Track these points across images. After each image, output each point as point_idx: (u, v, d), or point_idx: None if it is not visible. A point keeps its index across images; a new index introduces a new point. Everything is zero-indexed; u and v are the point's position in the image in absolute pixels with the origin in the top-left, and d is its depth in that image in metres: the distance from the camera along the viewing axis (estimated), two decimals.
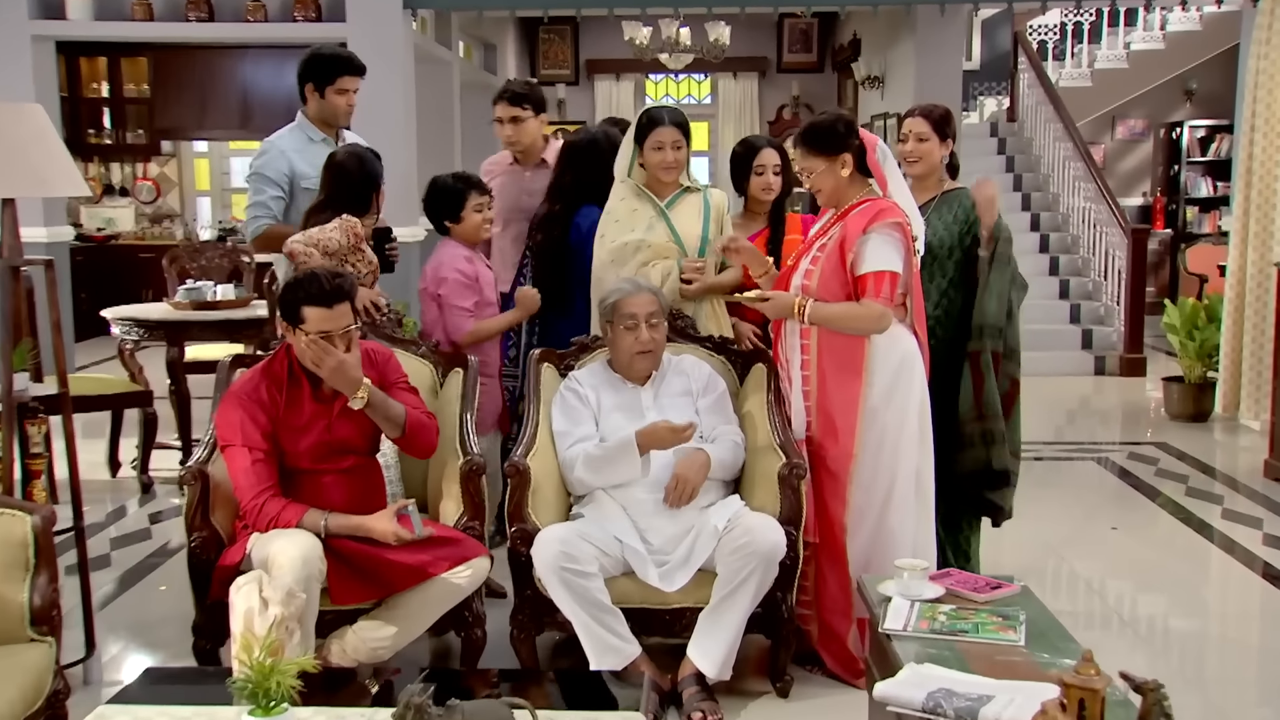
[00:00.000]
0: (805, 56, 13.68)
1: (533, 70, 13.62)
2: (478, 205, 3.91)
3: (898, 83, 9.93)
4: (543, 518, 3.23)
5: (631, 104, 13.70)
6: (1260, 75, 6.60)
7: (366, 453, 3.24)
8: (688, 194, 3.89)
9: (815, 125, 3.41)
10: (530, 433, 3.39)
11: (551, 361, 3.71)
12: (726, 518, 3.19)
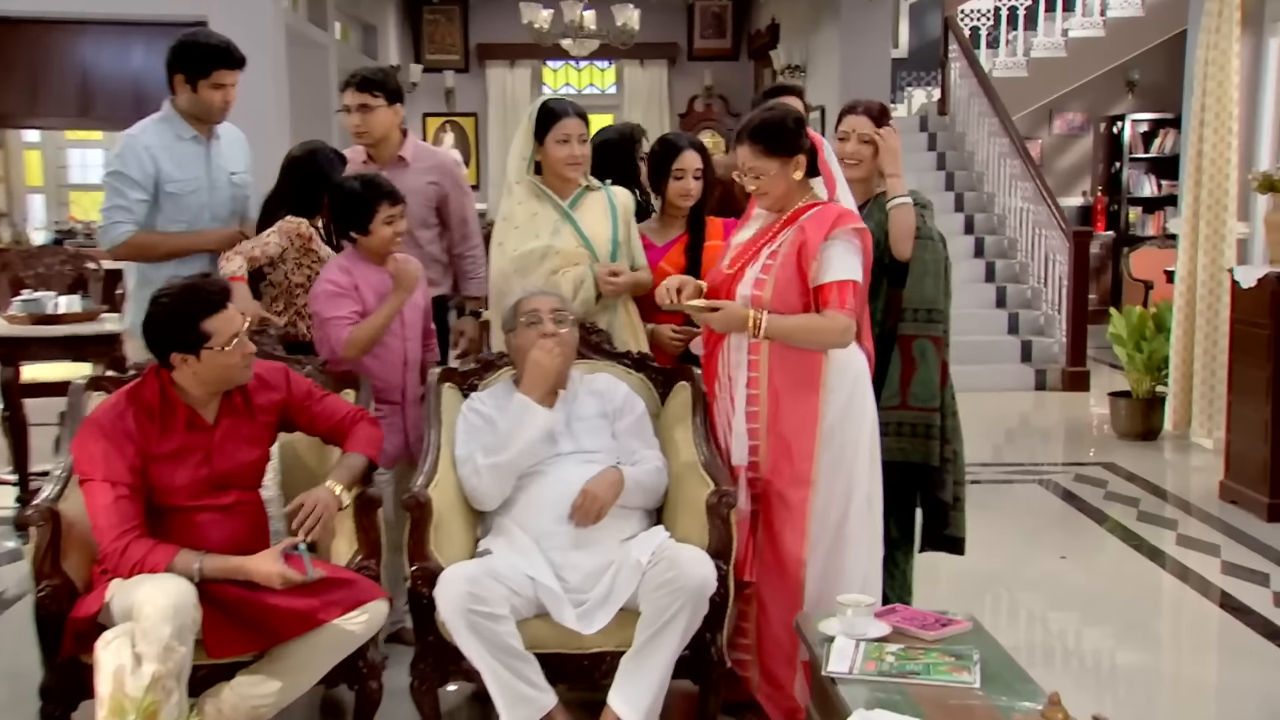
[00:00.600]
0: (719, 43, 13.86)
1: (417, 54, 13.59)
2: (388, 217, 3.80)
3: (821, 72, 10.12)
4: (446, 555, 3.23)
5: (528, 93, 13.74)
6: (1210, 66, 6.87)
7: (250, 487, 3.21)
8: (589, 193, 3.93)
9: (769, 123, 3.39)
10: (431, 460, 3.39)
11: (453, 381, 3.71)
12: (650, 551, 3.21)
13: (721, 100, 13.69)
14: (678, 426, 3.59)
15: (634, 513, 3.41)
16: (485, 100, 13.77)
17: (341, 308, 3.75)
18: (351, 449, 3.31)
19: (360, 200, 3.79)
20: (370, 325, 3.76)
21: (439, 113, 13.78)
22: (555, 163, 3.81)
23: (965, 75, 10.84)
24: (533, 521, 3.32)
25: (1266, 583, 4.78)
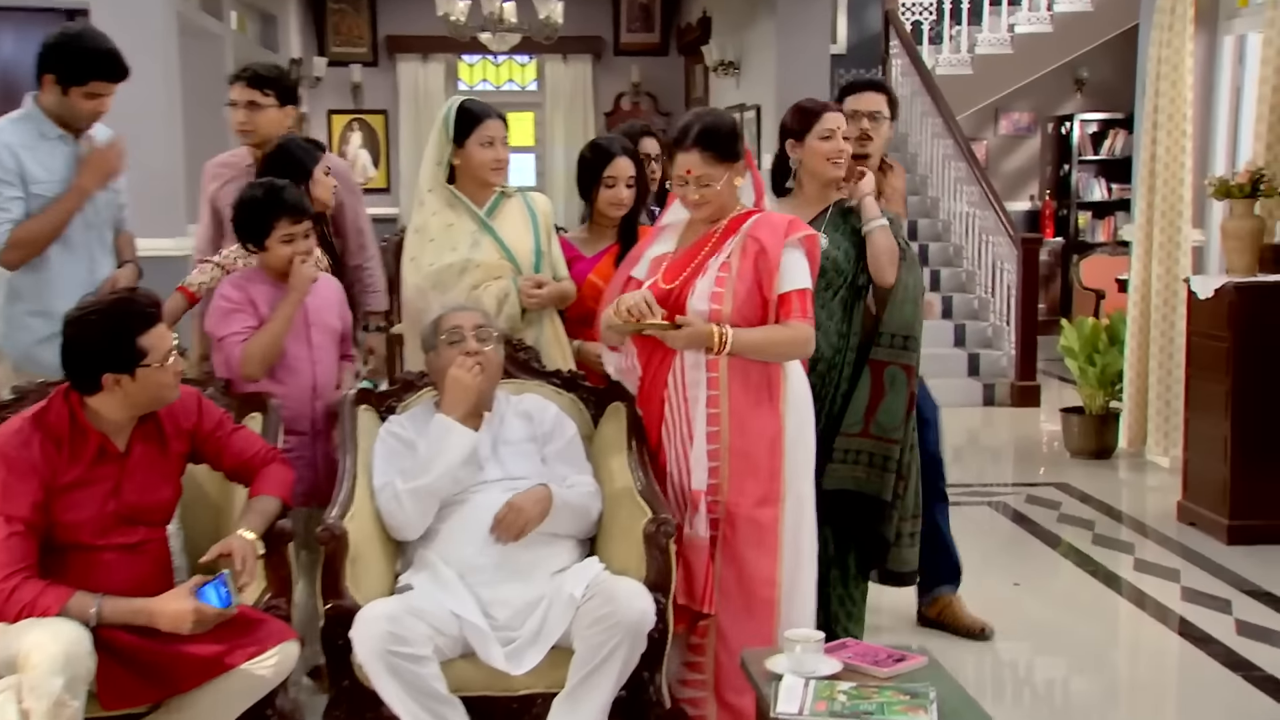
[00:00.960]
0: (646, 37, 13.92)
1: (321, 47, 13.50)
2: (287, 234, 3.74)
3: (756, 69, 10.21)
4: (364, 592, 3.20)
5: (442, 89, 13.70)
6: (1162, 65, 7.04)
7: (158, 523, 3.17)
8: (505, 200, 3.94)
9: (718, 129, 3.45)
10: (346, 489, 3.36)
11: (369, 403, 3.69)
12: (584, 584, 3.21)
13: (650, 98, 13.74)
14: (612, 451, 3.60)
15: (565, 542, 3.42)
16: (396, 96, 13.69)
17: (235, 324, 3.73)
18: (263, 491, 3.26)
19: (258, 210, 3.75)
20: (265, 335, 3.72)
21: (345, 110, 13.68)
22: (479, 168, 3.81)
23: (907, 73, 10.99)
24: (457, 554, 3.31)
25: (1228, 609, 4.90)
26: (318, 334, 3.87)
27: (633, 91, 13.68)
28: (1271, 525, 5.70)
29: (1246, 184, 5.93)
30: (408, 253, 3.87)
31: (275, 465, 3.35)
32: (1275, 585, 5.14)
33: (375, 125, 13.81)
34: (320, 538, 3.19)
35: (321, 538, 3.19)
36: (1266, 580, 5.20)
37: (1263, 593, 5.08)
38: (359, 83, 13.58)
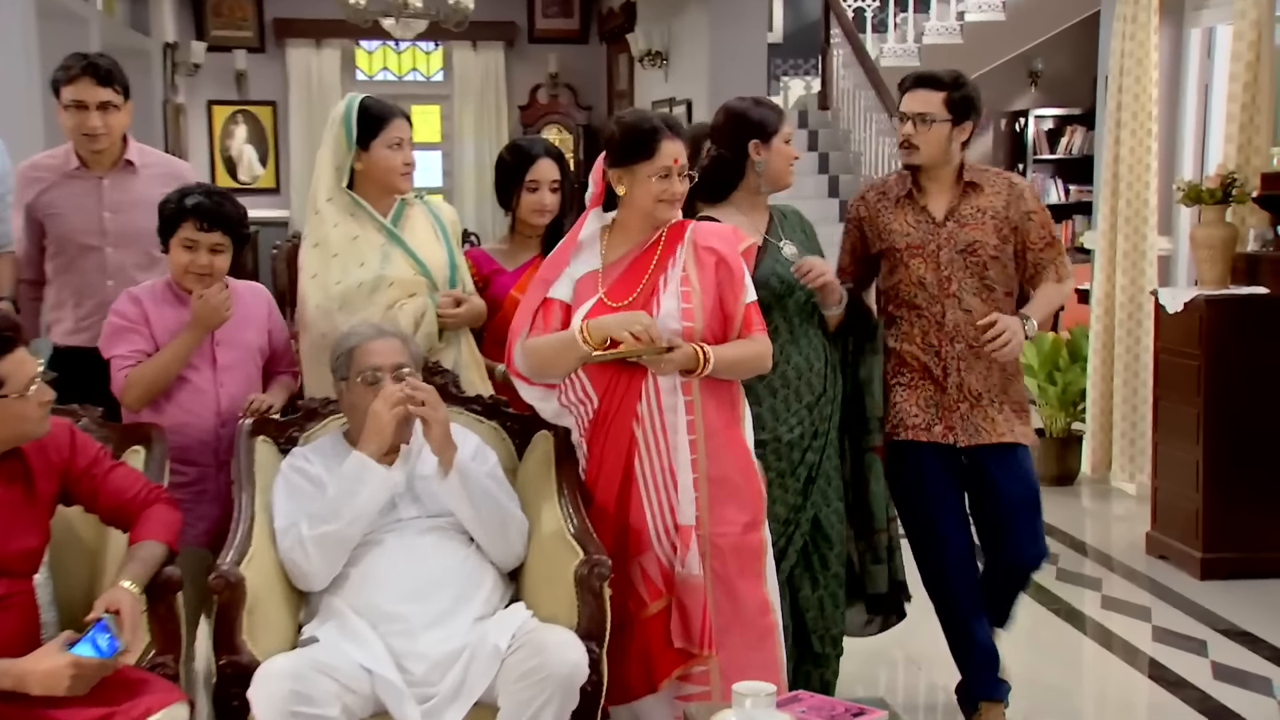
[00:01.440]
0: (565, 23, 13.93)
1: (200, 31, 13.35)
2: (188, 240, 3.69)
3: (686, 60, 10.25)
4: (263, 645, 3.17)
5: (338, 78, 13.60)
6: (1126, 59, 7.18)
7: (24, 573, 3.10)
8: (408, 208, 3.94)
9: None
10: (244, 531, 3.33)
11: (268, 434, 3.65)
12: (510, 634, 3.20)
13: (569, 90, 13.74)
14: (539, 485, 3.60)
15: (486, 579, 3.42)
16: (285, 86, 13.56)
17: (122, 345, 3.68)
18: (145, 536, 3.19)
19: (168, 212, 3.71)
20: (152, 366, 3.67)
21: (228, 100, 13.54)
22: (386, 173, 3.80)
23: (849, 64, 11.08)
24: (369, 602, 3.29)
25: (1203, 651, 4.99)
26: (227, 353, 3.80)
27: (550, 83, 13.67)
28: (1247, 558, 5.83)
29: (1218, 189, 6.06)
30: (307, 270, 3.83)
31: (159, 506, 3.28)
32: (1253, 624, 5.25)
33: (262, 118, 13.67)
34: (213, 586, 3.15)
35: (214, 586, 3.14)
36: (1243, 618, 5.31)
37: (1239, 632, 5.18)
38: (243, 71, 13.44)
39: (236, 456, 3.56)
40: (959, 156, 3.99)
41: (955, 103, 3.94)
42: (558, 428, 3.67)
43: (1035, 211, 4.02)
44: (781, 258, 3.84)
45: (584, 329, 3.43)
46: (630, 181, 3.50)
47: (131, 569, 3.12)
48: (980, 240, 3.97)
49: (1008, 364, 4.03)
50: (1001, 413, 4.03)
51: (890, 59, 11.91)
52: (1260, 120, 6.37)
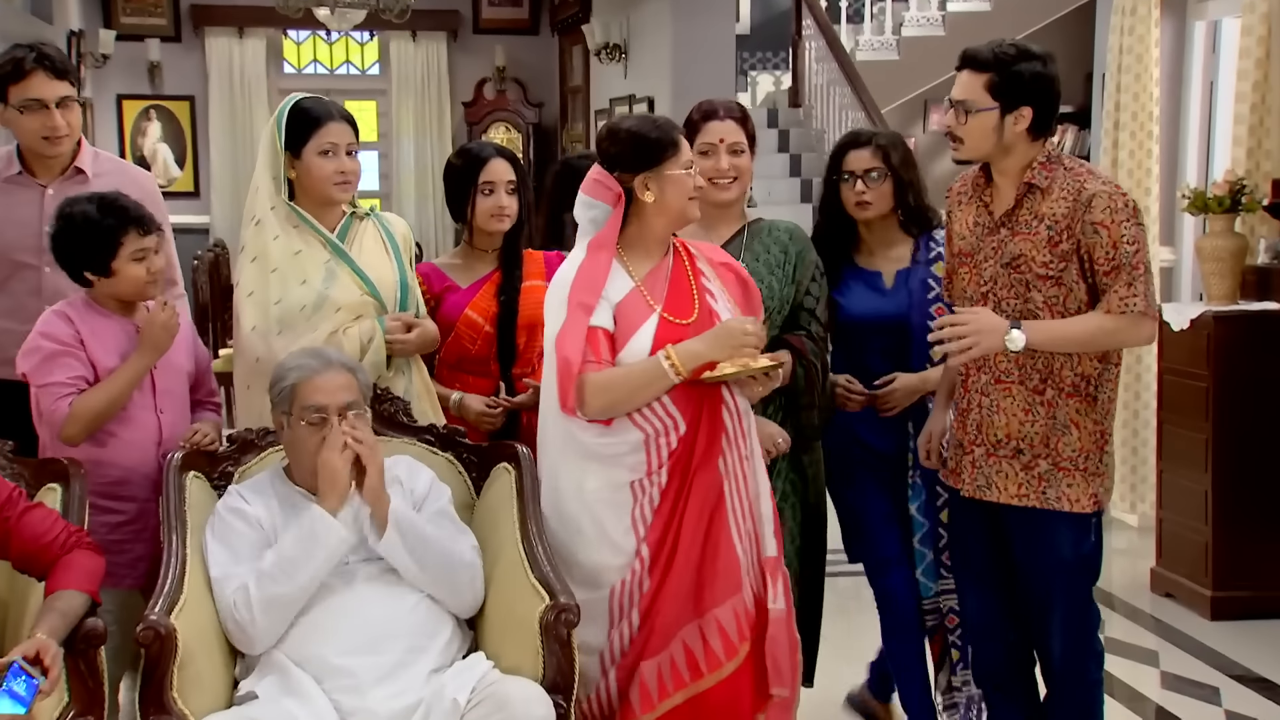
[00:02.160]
0: (513, 12, 13.94)
1: (108, 18, 13.28)
2: (138, 251, 3.65)
3: (647, 54, 10.26)
4: (196, 703, 3.15)
5: (262, 71, 13.56)
6: (1125, 55, 7.25)
7: None
8: (356, 222, 3.93)
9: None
10: (174, 577, 3.30)
11: (200, 470, 3.63)
12: (469, 687, 3.19)
13: (518, 85, 13.74)
14: (499, 523, 3.60)
15: (442, 628, 3.40)
16: (204, 79, 13.50)
17: (60, 371, 3.60)
18: (64, 585, 3.15)
19: (98, 229, 3.63)
20: (101, 396, 3.61)
21: (140, 94, 13.46)
22: (318, 182, 3.78)
23: (823, 58, 11.13)
24: (313, 654, 3.27)
25: (1216, 699, 5.03)
26: (165, 378, 3.76)
27: (497, 77, 13.66)
28: (1262, 597, 5.87)
29: (1226, 196, 6.11)
30: (243, 287, 3.80)
31: (80, 552, 3.25)
32: (1270, 669, 5.29)
33: (179, 114, 13.61)
34: (140, 638, 3.12)
35: (142, 638, 3.12)
36: (1258, 663, 5.35)
37: (1255, 678, 5.22)
38: (157, 62, 13.36)
39: (165, 494, 3.53)
40: (1030, 149, 3.57)
41: (1003, 86, 3.51)
42: (521, 456, 3.66)
43: (1104, 225, 3.47)
44: None
45: (672, 358, 3.38)
46: (659, 184, 3.48)
47: (49, 621, 3.08)
48: (1026, 254, 3.57)
49: (1061, 409, 3.58)
50: (1031, 469, 3.60)
51: (867, 52, 11.96)
52: (1270, 122, 6.43)
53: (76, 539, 3.27)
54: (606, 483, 3.43)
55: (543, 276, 4.20)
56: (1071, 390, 3.57)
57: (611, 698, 3.44)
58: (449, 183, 4.23)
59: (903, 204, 4.10)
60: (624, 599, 3.45)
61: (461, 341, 4.06)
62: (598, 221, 3.49)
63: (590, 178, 3.51)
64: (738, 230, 3.97)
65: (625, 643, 3.44)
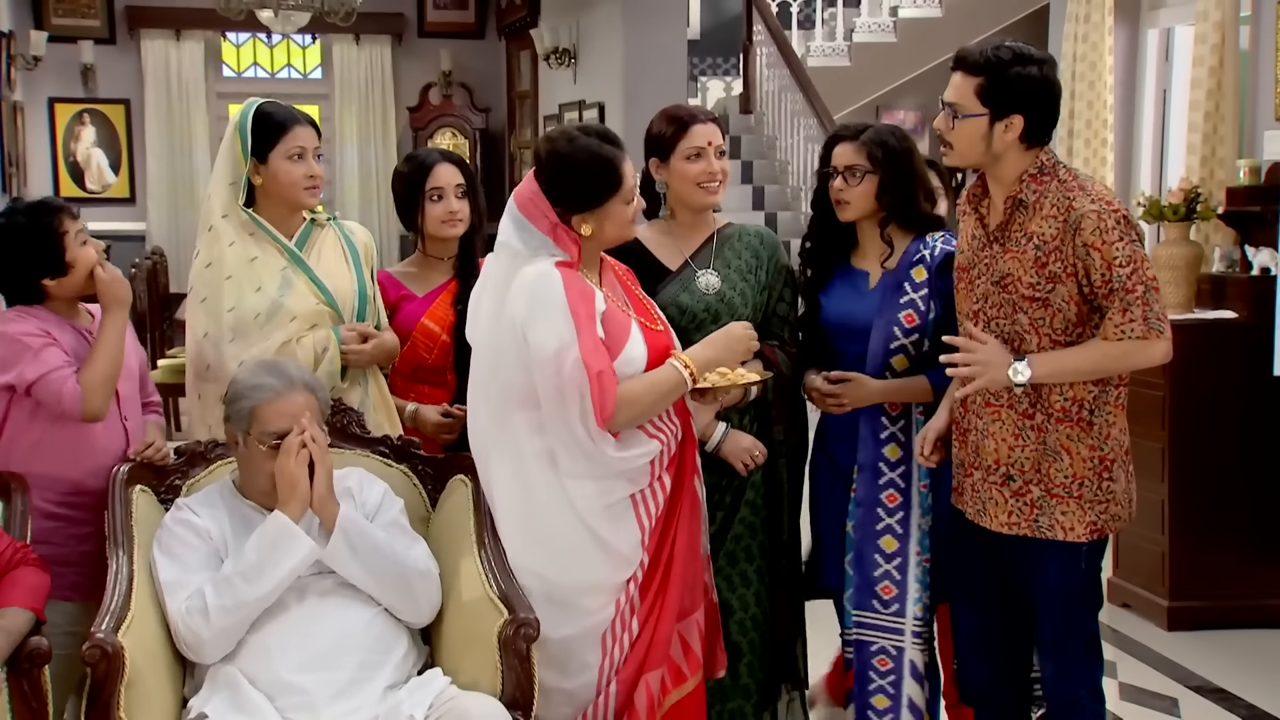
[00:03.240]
0: (459, 15, 13.92)
1: (39, 19, 13.18)
2: (79, 234, 3.62)
3: (597, 59, 10.27)
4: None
5: (200, 75, 13.49)
6: (1079, 62, 7.34)
7: None
8: (316, 229, 3.93)
9: None
10: (122, 593, 3.27)
11: (146, 483, 3.61)
12: (426, 704, 3.19)
13: (464, 90, 13.72)
14: (455, 536, 3.59)
15: (398, 643, 3.39)
16: (140, 82, 13.40)
17: (52, 358, 3.54)
18: (6, 603, 3.13)
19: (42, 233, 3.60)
20: (101, 360, 3.55)
21: (74, 98, 13.35)
22: (288, 187, 3.78)
23: (774, 64, 11.19)
24: (265, 671, 3.25)
25: (1174, 710, 5.08)
26: (123, 384, 3.71)
27: (443, 82, 13.64)
28: (1219, 607, 5.93)
29: (1181, 204, 6.17)
30: (196, 293, 3.79)
31: (23, 569, 3.23)
32: (1227, 680, 5.34)
33: (113, 118, 13.51)
34: (86, 657, 3.09)
35: (88, 657, 3.08)
36: (1217, 673, 5.40)
37: (1213, 689, 5.27)
38: (91, 64, 13.26)
39: (111, 508, 3.50)
40: (1023, 158, 3.46)
41: (993, 92, 3.39)
42: (474, 471, 3.65)
43: (1094, 247, 3.35)
44: (693, 286, 3.83)
45: (690, 366, 3.44)
46: (597, 221, 3.47)
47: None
48: (1014, 274, 3.45)
49: (1051, 435, 3.47)
50: (1022, 496, 3.51)
51: (818, 58, 12.05)
52: (1224, 130, 6.53)
53: (22, 555, 3.25)
54: (603, 497, 3.42)
55: None
56: (1061, 416, 3.45)
57: (609, 713, 3.45)
58: (398, 191, 4.23)
59: (886, 203, 3.82)
60: (626, 610, 3.45)
61: (418, 350, 4.05)
62: (525, 239, 3.46)
63: (527, 196, 3.47)
64: (708, 237, 3.95)
65: (626, 652, 3.45)
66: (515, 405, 3.40)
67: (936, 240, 3.83)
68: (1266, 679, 5.39)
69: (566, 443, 3.36)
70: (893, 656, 3.85)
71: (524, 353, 3.36)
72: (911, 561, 3.82)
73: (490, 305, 3.48)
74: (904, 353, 3.78)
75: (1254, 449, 5.97)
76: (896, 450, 3.83)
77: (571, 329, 3.33)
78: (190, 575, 3.34)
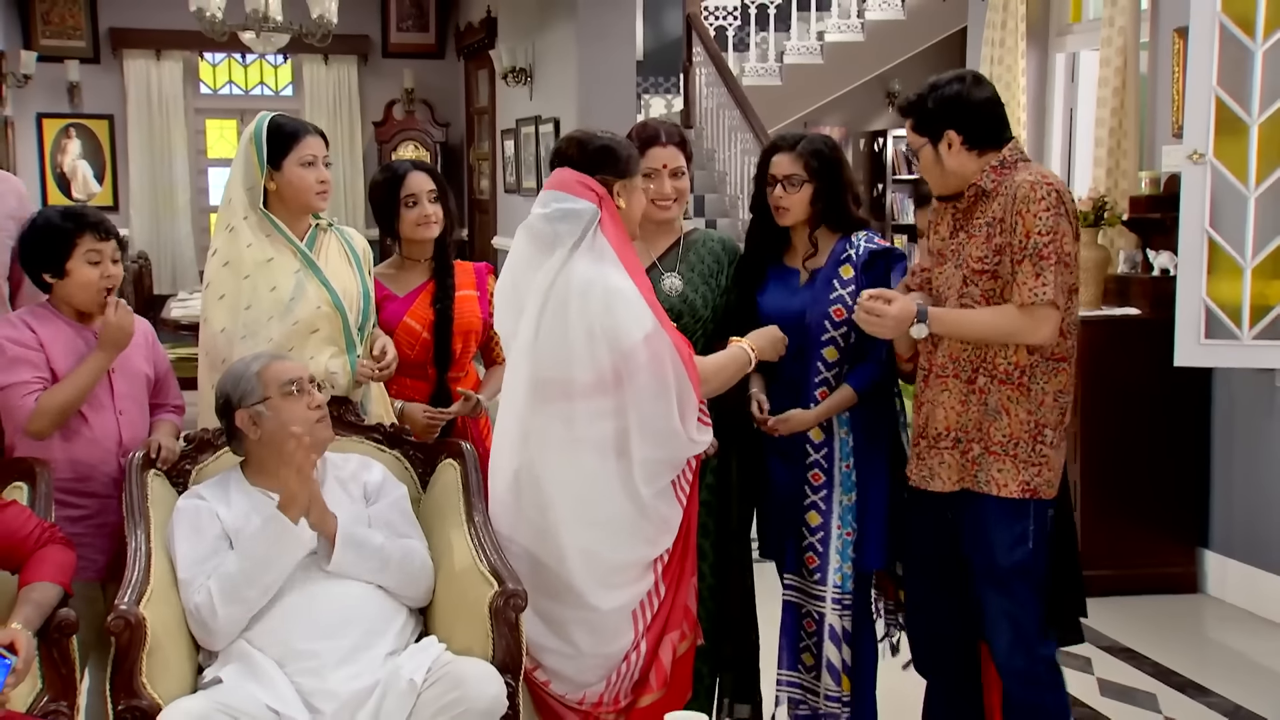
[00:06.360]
0: (420, 37, 13.89)
1: (28, 40, 13.04)
2: (94, 253, 3.61)
3: (552, 78, 10.29)
4: (164, 688, 3.12)
5: (179, 91, 13.40)
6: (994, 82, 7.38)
7: None
8: (321, 234, 3.92)
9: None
10: (141, 568, 3.27)
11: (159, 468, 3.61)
12: (425, 668, 3.20)
13: (426, 106, 13.70)
14: (446, 515, 3.61)
15: (398, 614, 3.41)
16: (123, 99, 13.31)
17: (23, 372, 3.55)
18: (37, 578, 3.13)
19: (55, 233, 3.61)
20: (66, 390, 3.56)
21: (60, 113, 13.24)
22: (302, 192, 3.77)
23: (713, 83, 11.24)
24: (275, 640, 3.26)
25: (1088, 668, 5.17)
26: (123, 381, 3.71)
27: (406, 99, 13.62)
28: (1126, 575, 6.02)
29: (1090, 212, 6.27)
30: (214, 290, 3.76)
31: (52, 547, 3.22)
32: (1136, 640, 5.44)
33: (98, 132, 13.40)
34: (111, 627, 3.09)
35: (113, 627, 3.09)
36: (1126, 635, 5.50)
37: (1122, 649, 5.37)
38: (76, 82, 13.15)
39: (128, 491, 3.50)
40: (978, 162, 3.52)
41: (921, 122, 3.55)
42: (465, 455, 3.67)
43: (1022, 213, 3.41)
44: (659, 287, 3.81)
45: (753, 348, 3.65)
46: (628, 193, 3.53)
47: (24, 612, 3.06)
48: (971, 253, 3.55)
49: (993, 395, 3.52)
50: (966, 454, 3.56)
51: (752, 78, 12.15)
52: (1127, 145, 6.63)
53: (50, 534, 3.24)
54: (661, 480, 3.47)
55: (473, 286, 4.24)
56: (1004, 378, 3.50)
57: (636, 670, 3.51)
58: (375, 200, 4.25)
59: (820, 208, 3.85)
60: (660, 578, 3.53)
61: (400, 348, 4.05)
62: (571, 222, 3.39)
63: (567, 179, 3.44)
64: (674, 241, 3.97)
65: (654, 613, 3.52)
66: (578, 397, 3.36)
67: (861, 239, 3.87)
68: (1168, 639, 5.52)
69: (648, 423, 3.38)
70: (816, 620, 3.92)
71: (598, 348, 3.33)
72: (833, 535, 3.86)
73: (539, 309, 3.40)
74: (834, 344, 3.83)
75: (1157, 433, 6.08)
76: (820, 434, 3.87)
77: (650, 313, 3.37)
78: (204, 564, 3.33)
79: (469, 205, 13.70)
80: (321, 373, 3.70)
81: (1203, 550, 6.16)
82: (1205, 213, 5.43)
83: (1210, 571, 6.14)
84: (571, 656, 3.47)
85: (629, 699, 3.51)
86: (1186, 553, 6.17)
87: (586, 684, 3.49)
